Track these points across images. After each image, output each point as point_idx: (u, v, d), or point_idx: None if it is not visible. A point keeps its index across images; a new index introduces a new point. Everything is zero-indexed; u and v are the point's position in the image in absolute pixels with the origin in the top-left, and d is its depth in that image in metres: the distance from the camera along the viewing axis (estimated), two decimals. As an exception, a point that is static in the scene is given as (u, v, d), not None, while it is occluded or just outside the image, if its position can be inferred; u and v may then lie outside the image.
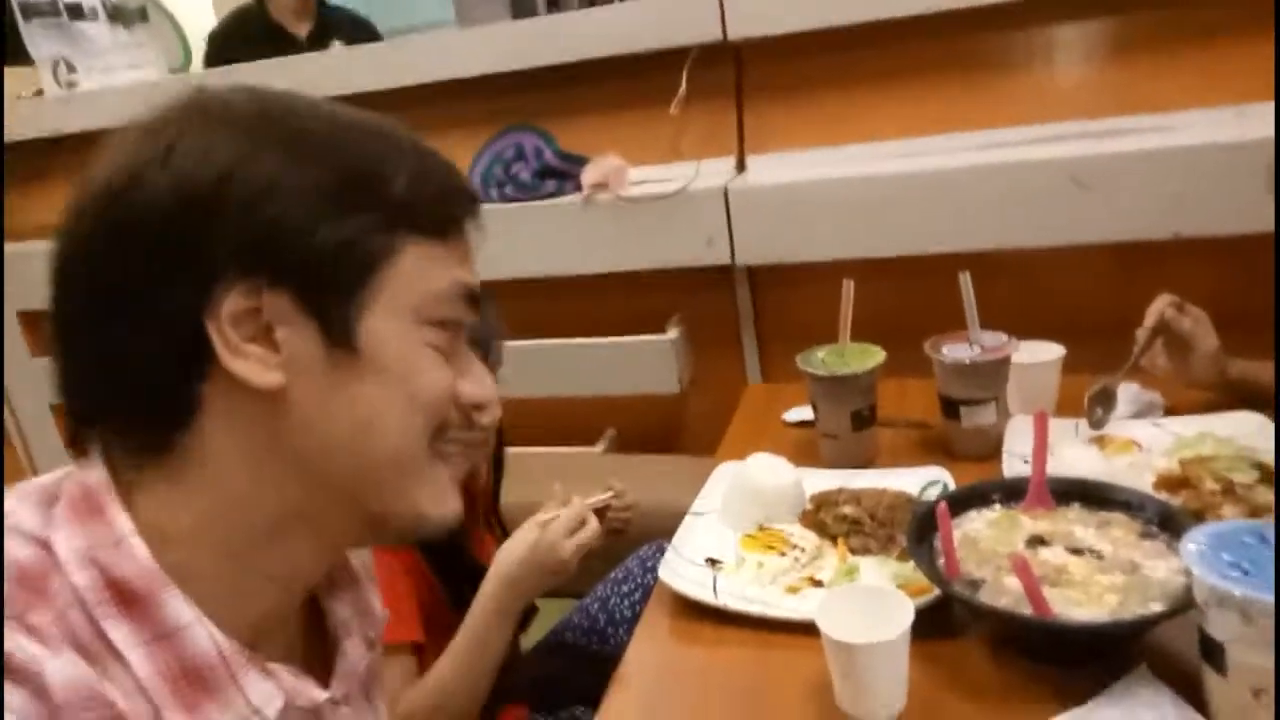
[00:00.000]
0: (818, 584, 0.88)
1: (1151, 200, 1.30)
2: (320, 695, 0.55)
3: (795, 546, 0.92)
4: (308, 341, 0.51)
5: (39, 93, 2.07)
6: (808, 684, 0.77)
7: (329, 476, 0.52)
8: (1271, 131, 0.98)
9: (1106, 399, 1.10)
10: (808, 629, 0.79)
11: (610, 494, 1.08)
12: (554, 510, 0.99)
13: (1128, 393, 1.16)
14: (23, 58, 1.98)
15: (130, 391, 0.51)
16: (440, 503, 0.57)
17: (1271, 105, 1.29)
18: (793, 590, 0.88)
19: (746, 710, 0.78)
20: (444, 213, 0.55)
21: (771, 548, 0.93)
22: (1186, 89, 1.38)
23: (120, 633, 0.47)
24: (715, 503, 1.04)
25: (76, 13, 1.92)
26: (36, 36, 1.94)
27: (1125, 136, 1.36)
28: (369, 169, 0.53)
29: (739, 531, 0.98)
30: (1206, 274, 1.32)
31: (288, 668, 0.54)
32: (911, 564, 0.82)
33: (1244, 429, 1.05)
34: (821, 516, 0.98)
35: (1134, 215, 1.31)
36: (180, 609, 0.49)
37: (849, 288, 1.16)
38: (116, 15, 1.95)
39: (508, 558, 0.96)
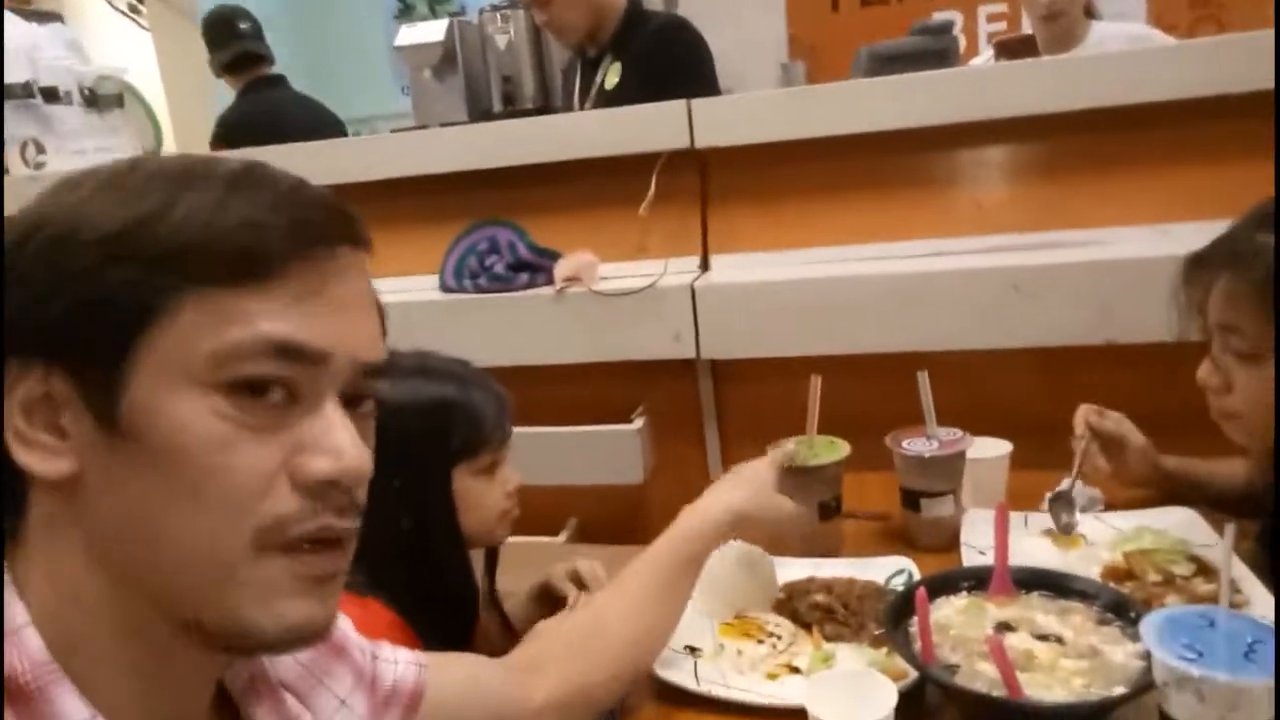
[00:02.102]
0: (795, 670, 0.91)
1: (1084, 308, 1.41)
2: None
3: (772, 634, 0.95)
4: (84, 422, 0.45)
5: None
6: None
7: (131, 576, 0.47)
8: (1192, 249, 1.09)
9: (1067, 504, 1.17)
10: (788, 714, 0.82)
11: None
12: None
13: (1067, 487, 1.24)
14: (-10, 137, 1.99)
15: None
16: (273, 611, 0.47)
17: (1191, 226, 1.43)
18: (772, 677, 0.91)
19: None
20: (248, 252, 0.45)
21: (749, 635, 0.96)
22: (1111, 208, 1.52)
23: None
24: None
25: (51, 96, 1.95)
26: (6, 117, 1.96)
27: (1059, 249, 1.48)
28: (150, 211, 0.45)
29: (716, 619, 1.01)
30: (1136, 379, 1.43)
31: None
32: (885, 650, 0.86)
33: (1177, 522, 1.14)
34: (794, 605, 1.02)
35: (1069, 322, 1.42)
36: (74, 706, 0.45)
37: (817, 383, 1.22)
38: (92, 101, 1.98)
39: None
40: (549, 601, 1.18)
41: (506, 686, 0.80)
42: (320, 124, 2.86)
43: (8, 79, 1.92)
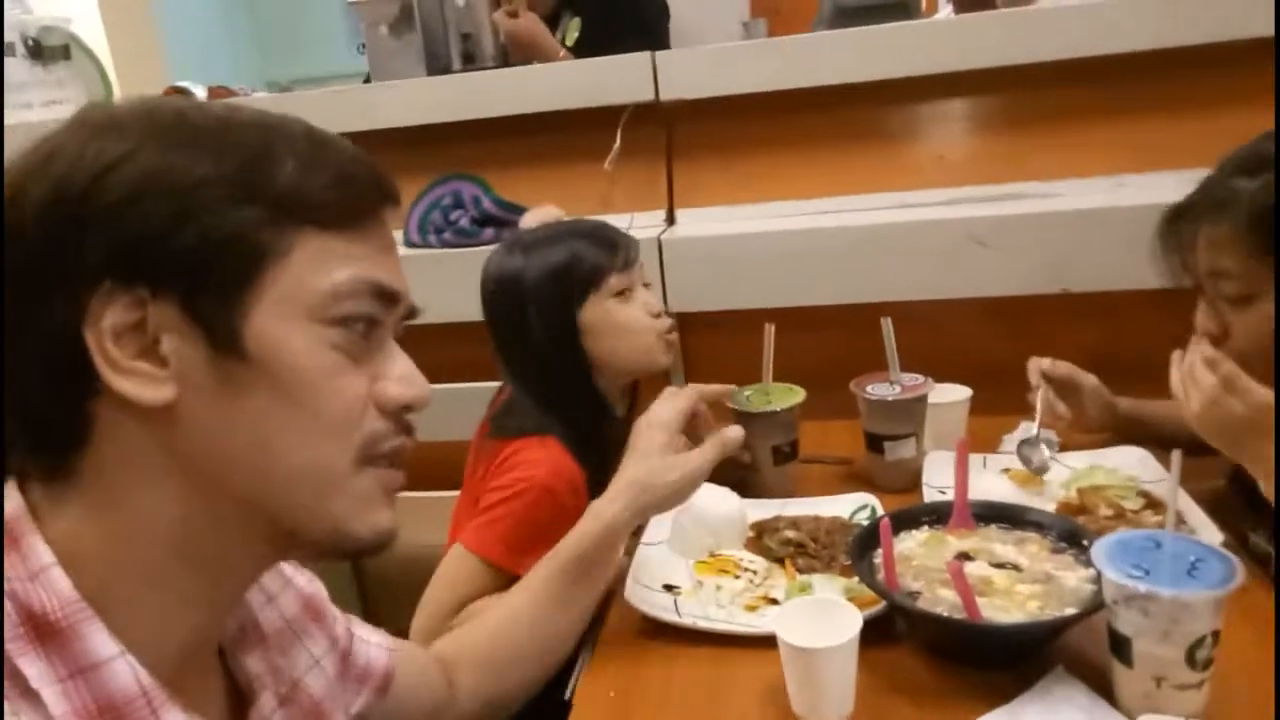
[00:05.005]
0: (773, 601, 0.95)
1: (1041, 258, 1.45)
2: None
3: (747, 570, 0.98)
4: (195, 351, 0.48)
5: (-56, 126, 2.01)
6: (763, 692, 0.83)
7: (231, 493, 0.50)
8: (1145, 200, 1.12)
9: (1034, 446, 1.19)
10: (761, 643, 0.85)
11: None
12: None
13: (1029, 430, 1.28)
14: (-69, 91, 1.92)
15: (23, 415, 0.48)
16: (368, 517, 0.53)
17: (1145, 177, 1.47)
18: (751, 608, 0.94)
19: (707, 717, 0.83)
20: (345, 203, 0.52)
21: (725, 571, 0.99)
22: (1068, 161, 1.55)
23: (35, 669, 0.45)
24: (664, 533, 1.10)
25: (-7, 47, 1.88)
26: (-55, 69, 1.89)
27: (1017, 201, 1.52)
28: (253, 158, 0.49)
29: (691, 559, 1.03)
30: (1091, 327, 1.48)
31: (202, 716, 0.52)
32: (856, 579, 0.90)
33: (1128, 461, 1.18)
34: (765, 542, 1.05)
35: (1027, 272, 1.46)
36: (103, 642, 0.47)
37: (770, 331, 1.24)
38: (37, 53, 1.92)
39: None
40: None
41: (440, 682, 0.83)
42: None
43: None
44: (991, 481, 1.17)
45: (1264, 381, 1.03)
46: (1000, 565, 0.88)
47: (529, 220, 1.63)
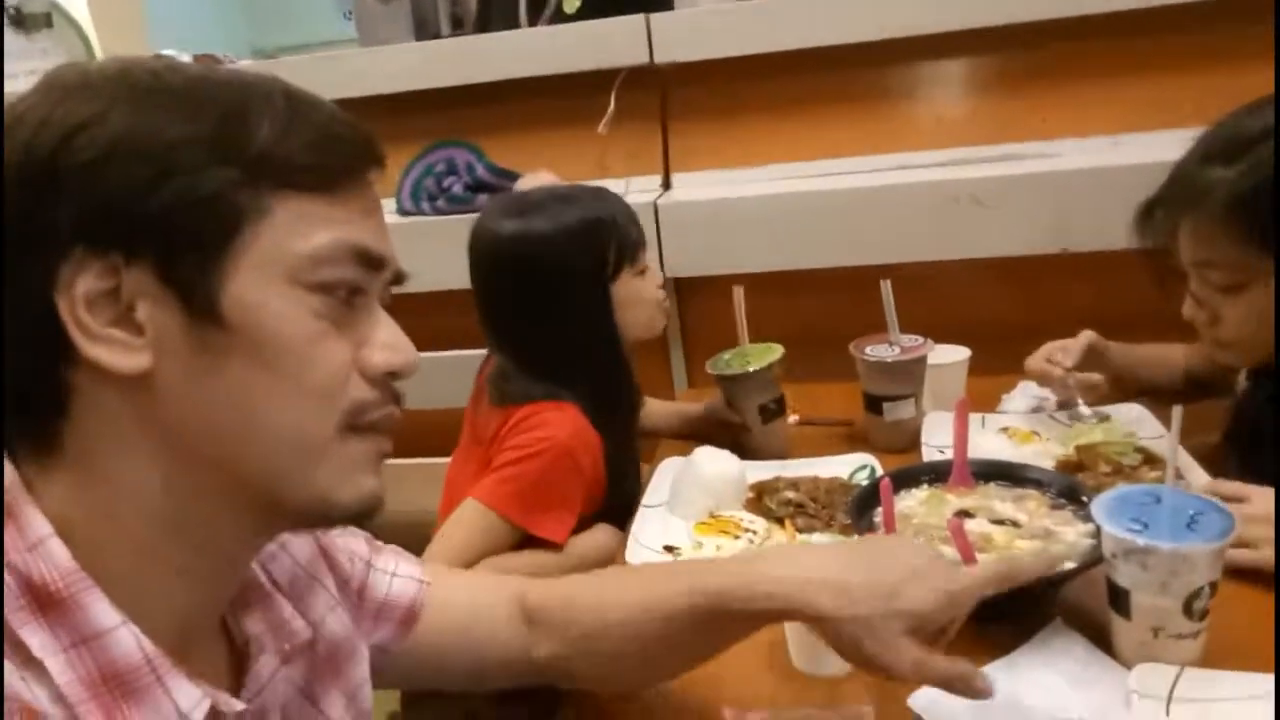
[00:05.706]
0: (772, 561, 0.95)
1: (1040, 218, 1.44)
2: (237, 705, 0.52)
3: (748, 530, 0.99)
4: (171, 317, 0.47)
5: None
6: (764, 649, 0.83)
7: (212, 462, 0.49)
8: (1142, 159, 1.11)
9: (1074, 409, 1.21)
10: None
11: None
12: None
13: (1027, 390, 1.28)
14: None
15: (3, 386, 0.47)
16: (353, 485, 0.52)
17: (1143, 136, 1.46)
18: (749, 569, 0.94)
19: (708, 674, 0.83)
20: (325, 165, 0.50)
21: (725, 532, 0.99)
22: (1065, 120, 1.54)
23: (37, 639, 0.45)
24: (664, 495, 1.10)
25: (-25, 16, 1.85)
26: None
27: (1016, 161, 1.51)
28: (229, 118, 0.47)
29: (690, 520, 1.04)
30: (1089, 287, 1.48)
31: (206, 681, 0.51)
32: (855, 538, 0.90)
33: (1126, 417, 1.19)
34: (765, 502, 1.05)
35: (1026, 232, 1.46)
36: (104, 611, 0.47)
37: (739, 294, 1.25)
38: (19, 21, 1.89)
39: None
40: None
41: (509, 631, 0.74)
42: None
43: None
44: (991, 440, 1.17)
45: (1249, 363, 1.04)
46: (1000, 522, 0.89)
47: (523, 186, 1.62)
